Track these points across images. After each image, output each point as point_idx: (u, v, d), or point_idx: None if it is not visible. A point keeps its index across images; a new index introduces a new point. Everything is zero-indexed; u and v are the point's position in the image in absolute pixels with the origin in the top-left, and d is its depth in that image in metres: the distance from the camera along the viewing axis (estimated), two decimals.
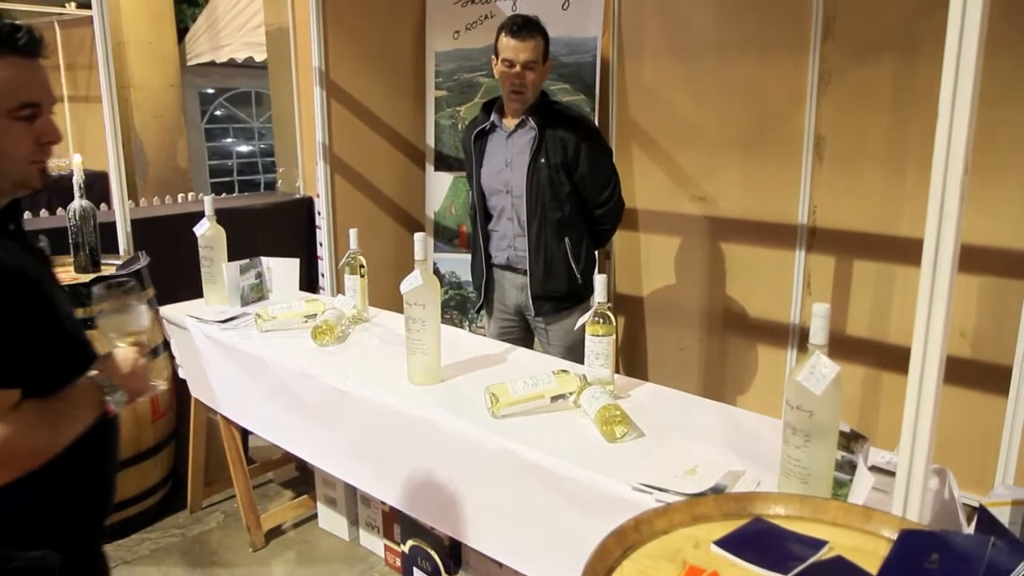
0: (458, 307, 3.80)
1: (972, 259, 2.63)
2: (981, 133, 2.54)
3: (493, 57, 2.55)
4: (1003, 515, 1.26)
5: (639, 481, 1.49)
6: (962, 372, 2.68)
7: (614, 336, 1.88)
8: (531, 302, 2.63)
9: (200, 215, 2.70)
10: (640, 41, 3.33)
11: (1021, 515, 1.23)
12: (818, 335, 1.31)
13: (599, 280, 1.85)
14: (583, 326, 1.88)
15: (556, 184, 2.53)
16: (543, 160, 2.51)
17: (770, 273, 3.04)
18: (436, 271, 3.84)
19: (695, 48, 3.17)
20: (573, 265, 2.59)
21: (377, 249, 3.52)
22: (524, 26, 2.47)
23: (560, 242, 2.58)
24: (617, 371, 1.99)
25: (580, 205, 2.60)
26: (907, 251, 2.72)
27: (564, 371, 1.87)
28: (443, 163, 3.83)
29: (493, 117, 2.61)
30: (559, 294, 2.62)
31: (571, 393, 1.82)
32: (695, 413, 1.83)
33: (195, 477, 2.89)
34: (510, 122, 2.58)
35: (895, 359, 2.79)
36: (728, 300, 3.18)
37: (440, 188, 3.85)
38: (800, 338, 3.00)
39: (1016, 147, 2.46)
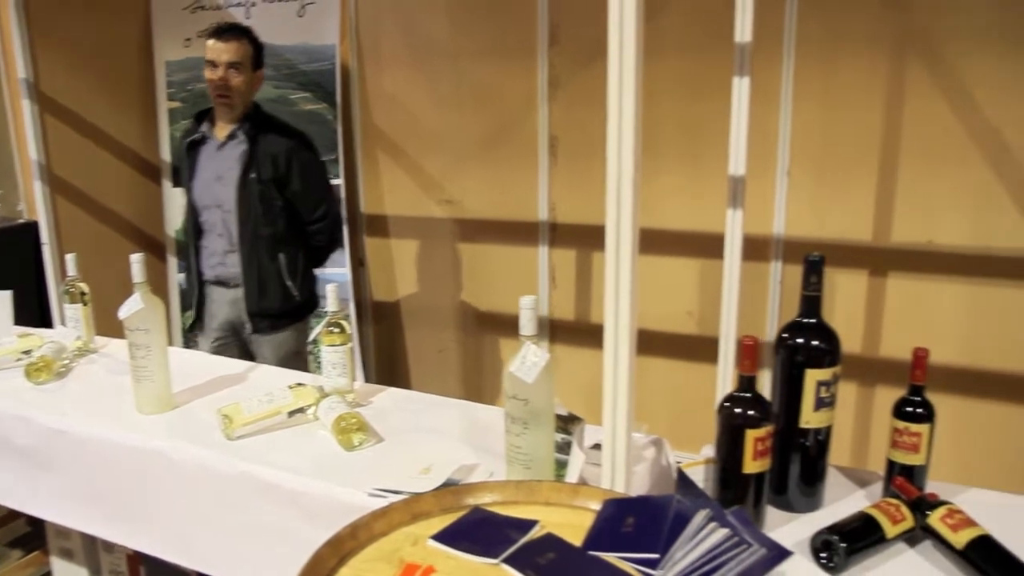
0: None
1: (693, 244, 2.89)
2: (689, 126, 2.79)
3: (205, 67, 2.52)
4: (698, 473, 1.37)
5: (375, 486, 1.48)
6: (691, 348, 2.93)
7: (350, 345, 1.86)
8: (247, 319, 2.59)
9: None
10: (379, 48, 3.34)
11: (712, 471, 1.35)
12: (527, 327, 1.37)
13: (331, 289, 1.83)
14: (297, 340, 1.87)
15: (268, 199, 2.50)
16: (254, 175, 2.48)
17: (517, 270, 3.15)
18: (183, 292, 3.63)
19: (433, 54, 3.23)
20: (289, 282, 2.58)
21: (112, 273, 3.25)
22: (228, 29, 2.49)
23: (274, 259, 2.55)
24: (377, 380, 1.98)
25: (294, 220, 2.58)
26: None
27: (300, 384, 1.83)
28: (181, 178, 3.62)
29: (204, 127, 2.54)
30: (275, 311, 2.60)
31: (309, 406, 1.78)
32: (434, 413, 1.85)
33: None
34: (221, 132, 2.53)
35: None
36: (481, 299, 3.27)
37: (180, 205, 3.64)
38: (551, 331, 3.14)
39: (722, 138, 2.72)
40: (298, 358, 2.74)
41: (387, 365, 3.53)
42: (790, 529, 1.35)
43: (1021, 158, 2.45)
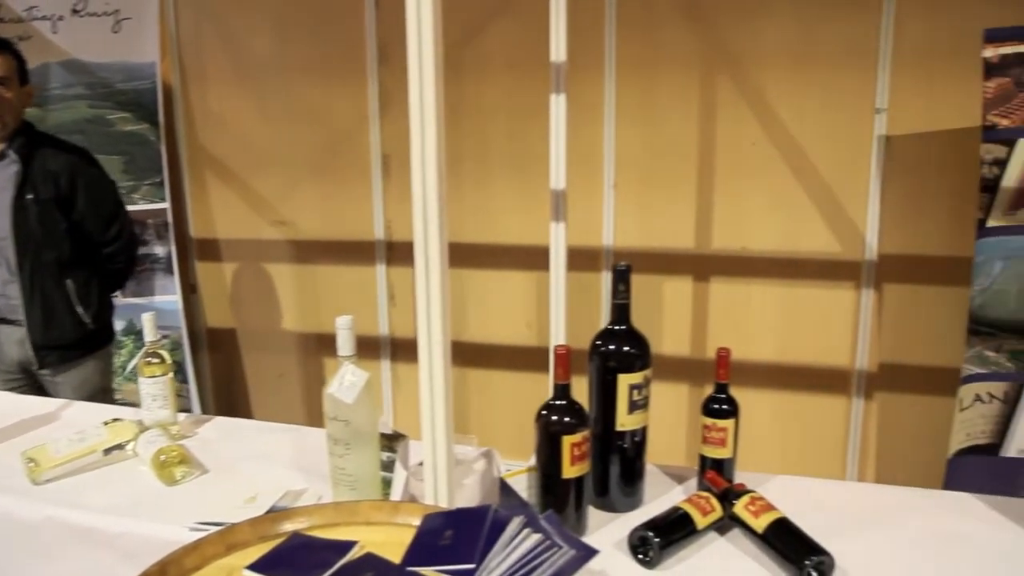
0: None
1: (529, 258, 2.95)
2: (521, 142, 2.86)
3: None
4: (521, 481, 1.40)
5: (197, 520, 1.43)
6: (531, 359, 2.99)
7: (171, 375, 1.78)
8: (33, 354, 2.41)
9: None
10: (203, 66, 3.23)
11: (534, 478, 1.39)
12: (344, 347, 1.36)
13: (146, 318, 1.75)
14: (101, 376, 1.77)
15: (49, 222, 2.35)
16: (31, 196, 2.32)
17: (356, 289, 3.12)
18: None
19: (260, 73, 3.16)
20: (80, 310, 2.42)
21: None
22: None
23: (60, 285, 2.39)
24: (215, 410, 1.91)
25: (83, 242, 2.43)
26: (472, 255, 2.97)
27: (117, 419, 1.74)
28: None
29: None
30: (66, 343, 2.43)
31: (128, 442, 1.69)
32: (265, 439, 1.80)
33: None
34: None
35: (475, 356, 3.04)
36: (320, 321, 3.22)
37: None
38: (392, 349, 3.12)
39: (543, 155, 2.81)
40: (105, 396, 2.55)
41: (225, 394, 3.41)
42: (612, 528, 1.40)
43: (818, 167, 2.66)
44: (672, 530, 1.30)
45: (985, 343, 2.32)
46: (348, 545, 1.12)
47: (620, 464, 1.43)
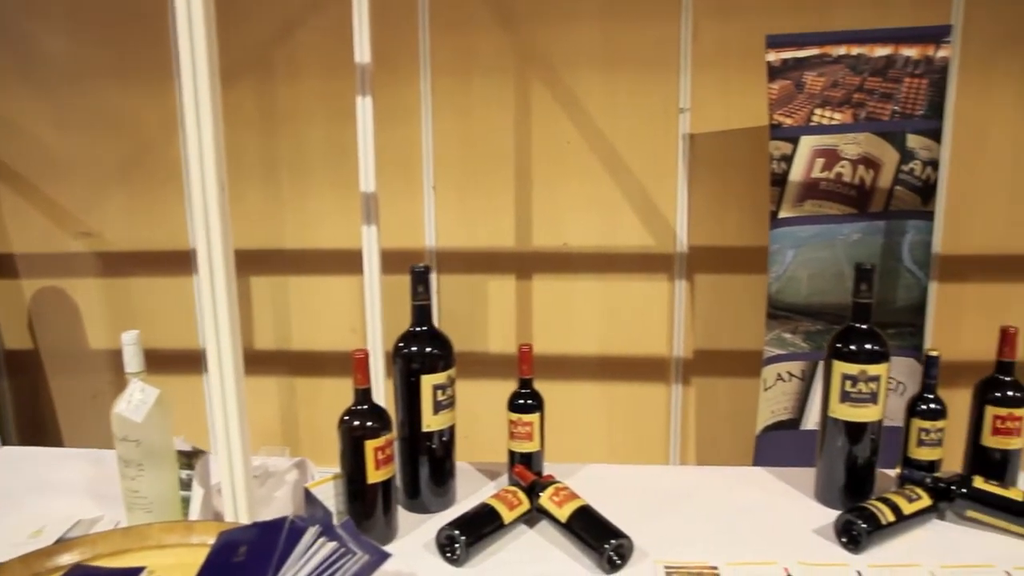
0: None
1: (351, 263, 2.91)
2: (339, 147, 2.80)
3: None
4: (328, 489, 1.38)
5: None
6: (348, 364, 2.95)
7: None
8: None
9: None
10: None
11: (340, 486, 1.37)
12: (131, 363, 1.30)
13: None
14: None
15: None
16: None
17: (172, 301, 2.97)
18: None
19: (53, 76, 2.94)
20: None
21: None
22: None
23: None
24: (19, 439, 1.75)
25: None
26: (294, 261, 2.90)
27: None
28: None
29: None
30: None
31: None
32: (59, 467, 1.69)
33: None
34: None
35: (301, 364, 2.97)
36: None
37: None
38: None
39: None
40: None
41: (30, 420, 3.15)
42: (424, 529, 1.41)
43: (630, 165, 2.77)
44: (479, 526, 1.32)
45: (783, 326, 2.50)
46: (135, 572, 1.07)
47: (429, 465, 1.44)
